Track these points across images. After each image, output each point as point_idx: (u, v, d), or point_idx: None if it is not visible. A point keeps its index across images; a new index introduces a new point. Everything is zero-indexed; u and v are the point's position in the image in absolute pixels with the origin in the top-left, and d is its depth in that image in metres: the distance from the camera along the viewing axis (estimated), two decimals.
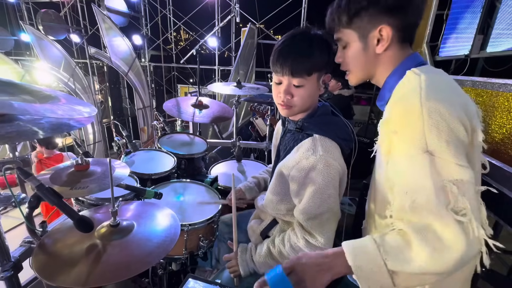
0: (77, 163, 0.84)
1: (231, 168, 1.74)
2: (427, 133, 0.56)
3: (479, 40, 1.97)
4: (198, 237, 1.12)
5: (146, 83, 5.46)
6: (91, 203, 1.08)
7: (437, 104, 0.56)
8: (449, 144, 0.54)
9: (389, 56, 0.71)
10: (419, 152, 0.56)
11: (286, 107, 0.89)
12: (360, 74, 0.77)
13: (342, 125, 0.91)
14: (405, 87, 0.65)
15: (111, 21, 4.43)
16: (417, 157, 0.56)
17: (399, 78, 0.68)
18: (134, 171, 1.32)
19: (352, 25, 0.70)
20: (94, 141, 5.03)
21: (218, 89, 1.98)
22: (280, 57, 0.84)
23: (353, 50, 0.73)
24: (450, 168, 0.54)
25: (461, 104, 0.60)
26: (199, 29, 5.61)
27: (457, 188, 0.53)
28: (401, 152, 0.61)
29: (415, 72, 0.65)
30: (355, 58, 0.74)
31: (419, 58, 0.71)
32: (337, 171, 0.82)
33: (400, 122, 0.62)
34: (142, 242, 0.75)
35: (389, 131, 0.65)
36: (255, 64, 4.71)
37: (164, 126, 1.80)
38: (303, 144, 0.87)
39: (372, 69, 0.75)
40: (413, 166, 0.58)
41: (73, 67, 4.61)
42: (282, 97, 0.87)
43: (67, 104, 0.67)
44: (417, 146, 0.57)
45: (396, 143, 0.63)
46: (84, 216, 0.69)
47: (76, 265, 0.65)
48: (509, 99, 1.40)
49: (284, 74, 0.84)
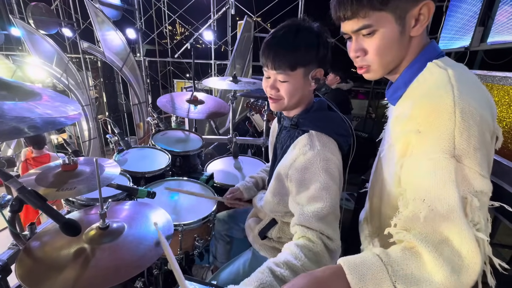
0: (64, 163, 0.80)
1: (227, 165, 1.71)
2: (457, 136, 0.50)
3: (480, 32, 1.94)
4: (193, 237, 1.10)
5: (141, 78, 5.37)
6: (82, 204, 1.04)
7: (471, 105, 0.50)
8: (476, 151, 0.49)
9: (418, 42, 0.62)
10: (445, 156, 0.50)
11: (273, 101, 0.87)
12: (388, 65, 0.64)
13: (339, 120, 0.87)
14: (430, 81, 0.58)
15: (103, 15, 4.32)
16: (442, 161, 0.50)
17: (418, 71, 0.61)
18: (126, 169, 1.29)
19: (388, 5, 0.57)
20: (90, 138, 4.96)
21: (213, 84, 1.93)
22: (265, 50, 0.82)
23: (387, 37, 0.60)
24: (474, 177, 0.49)
25: (489, 106, 0.55)
26: (195, 23, 5.51)
27: (478, 201, 0.48)
28: (423, 154, 0.54)
29: (439, 65, 0.59)
30: (388, 46, 0.61)
31: (438, 48, 0.64)
32: (336, 166, 0.80)
33: (426, 121, 0.55)
34: (133, 245, 0.72)
35: (409, 130, 0.58)
36: (252, 58, 4.64)
37: (158, 122, 1.76)
38: (299, 141, 0.84)
39: (402, 57, 0.64)
40: (436, 170, 0.51)
41: (66, 62, 4.51)
42: (269, 90, 0.86)
43: (49, 102, 0.63)
44: (443, 149, 0.50)
45: (417, 144, 0.56)
46: (71, 219, 0.66)
47: (63, 270, 0.62)
48: (510, 93, 1.38)
49: (269, 68, 0.82)
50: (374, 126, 4.59)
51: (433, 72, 0.59)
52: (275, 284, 0.65)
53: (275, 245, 1.00)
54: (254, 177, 1.24)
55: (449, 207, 0.48)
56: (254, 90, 2.42)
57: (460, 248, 0.47)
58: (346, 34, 0.66)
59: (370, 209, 0.82)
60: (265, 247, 1.01)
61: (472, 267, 0.46)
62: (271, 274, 0.66)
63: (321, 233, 0.73)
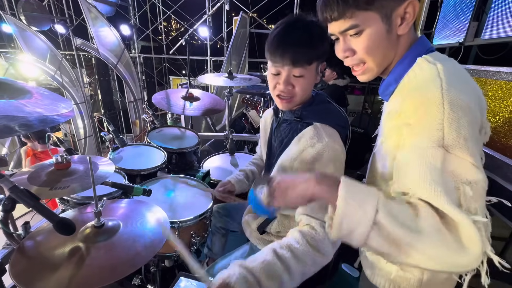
0: (57, 162, 0.80)
1: (224, 162, 1.70)
2: (447, 126, 0.50)
3: (474, 27, 1.94)
4: (190, 234, 1.10)
5: (136, 75, 5.31)
6: (77, 202, 1.04)
7: (459, 96, 0.51)
8: (467, 141, 0.49)
9: (406, 39, 0.63)
10: (432, 145, 0.50)
11: (286, 100, 0.86)
12: (380, 65, 0.65)
13: (338, 112, 0.90)
14: (419, 76, 0.59)
15: (97, 10, 4.25)
16: (429, 150, 0.50)
17: (408, 66, 0.62)
18: (122, 167, 1.28)
19: (374, 4, 0.58)
20: (85, 136, 4.92)
21: (209, 80, 1.92)
22: (280, 46, 0.80)
23: (374, 36, 0.60)
24: (466, 167, 0.49)
25: (478, 100, 0.55)
26: (190, 19, 5.45)
27: (470, 190, 0.48)
28: (412, 146, 0.54)
29: (429, 60, 0.59)
30: (376, 45, 0.61)
31: (428, 43, 0.64)
32: (342, 157, 0.82)
33: (415, 113, 0.55)
34: (129, 243, 0.72)
35: (400, 124, 0.59)
36: (248, 55, 4.61)
37: (153, 119, 1.75)
38: (305, 133, 0.84)
39: (392, 55, 0.64)
40: (422, 159, 0.51)
41: (59, 60, 4.44)
42: (282, 87, 0.83)
43: (40, 100, 0.62)
44: (432, 139, 0.50)
45: (408, 136, 0.56)
46: (65, 218, 0.65)
47: (57, 269, 0.62)
48: (503, 87, 1.39)
49: (284, 65, 0.81)
50: (370, 122, 4.61)
51: (423, 67, 0.59)
52: (277, 262, 0.68)
53: (274, 239, 1.00)
54: (244, 170, 1.24)
55: (435, 193, 0.48)
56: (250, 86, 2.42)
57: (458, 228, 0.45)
58: (334, 35, 0.67)
59: None
60: (264, 241, 1.02)
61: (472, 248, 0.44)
62: (274, 254, 0.70)
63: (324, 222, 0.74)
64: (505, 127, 1.34)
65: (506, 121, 1.34)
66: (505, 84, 1.37)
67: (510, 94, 1.34)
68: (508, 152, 1.26)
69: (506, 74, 1.36)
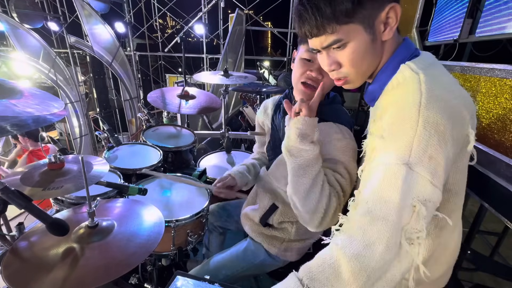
0: (50, 162, 0.79)
1: (220, 160, 1.70)
2: (415, 144, 0.50)
3: (468, 24, 1.95)
4: (186, 233, 1.10)
5: (132, 73, 5.27)
6: (71, 202, 1.03)
7: (436, 115, 0.50)
8: (431, 160, 0.50)
9: (391, 43, 0.61)
10: (397, 162, 0.50)
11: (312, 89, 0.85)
12: (365, 74, 0.64)
13: (348, 114, 0.93)
14: (401, 86, 0.58)
15: (90, 8, 4.19)
16: (393, 167, 0.51)
17: (391, 73, 0.60)
18: (117, 166, 1.27)
19: (355, 16, 0.56)
20: (81, 135, 4.88)
21: (205, 78, 1.91)
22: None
23: (359, 47, 0.58)
24: (424, 185, 0.49)
25: (460, 111, 0.54)
26: (186, 16, 5.40)
27: (425, 210, 0.49)
28: (379, 160, 0.54)
29: (412, 68, 0.57)
30: (362, 56, 0.60)
31: (412, 46, 0.63)
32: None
33: (390, 128, 0.55)
34: (123, 243, 0.72)
35: (375, 135, 0.59)
36: (244, 52, 4.59)
37: (148, 118, 1.73)
38: (328, 127, 0.85)
39: (376, 64, 0.63)
40: (385, 175, 0.51)
41: (53, 58, 4.38)
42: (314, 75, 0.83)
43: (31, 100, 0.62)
44: (399, 156, 0.51)
45: (379, 149, 0.56)
46: (58, 219, 0.65)
47: (51, 270, 0.62)
48: (496, 84, 1.40)
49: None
50: (366, 119, 4.62)
51: (405, 76, 0.58)
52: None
53: (274, 234, 1.00)
54: (245, 164, 1.19)
55: (387, 210, 0.49)
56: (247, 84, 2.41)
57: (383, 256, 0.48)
58: (315, 50, 0.65)
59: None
60: (263, 236, 1.02)
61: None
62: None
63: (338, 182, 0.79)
64: (498, 124, 1.35)
65: (499, 117, 1.36)
66: (498, 81, 1.38)
67: (504, 91, 1.35)
68: (501, 148, 1.28)
69: (499, 71, 1.37)
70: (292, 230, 0.99)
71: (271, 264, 1.03)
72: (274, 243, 1.00)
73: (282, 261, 1.03)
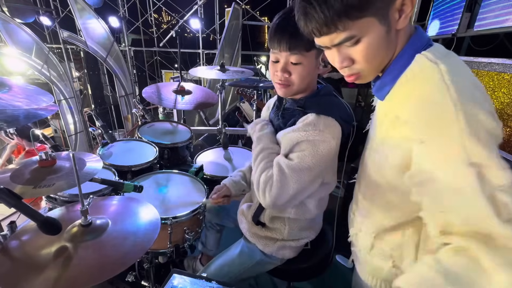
0: (41, 159, 0.76)
1: (217, 156, 1.68)
2: (468, 143, 0.46)
3: (466, 18, 1.93)
4: (183, 230, 1.08)
5: (127, 69, 5.19)
6: (65, 200, 1.01)
7: (473, 107, 0.47)
8: (491, 151, 0.47)
9: (404, 32, 0.57)
10: (462, 166, 0.47)
11: (283, 86, 0.85)
12: (379, 67, 0.60)
13: (343, 106, 0.89)
14: (422, 80, 0.54)
15: (83, 2, 4.10)
16: (462, 173, 0.47)
17: (406, 64, 0.56)
18: (112, 163, 1.25)
19: (368, 10, 0.51)
20: (76, 132, 4.81)
21: (201, 73, 1.88)
22: (278, 32, 0.79)
23: (374, 41, 0.54)
24: (497, 175, 0.46)
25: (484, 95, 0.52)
26: (181, 10, 5.31)
27: (504, 194, 0.45)
28: (435, 167, 0.50)
29: (429, 58, 0.54)
30: (377, 50, 0.55)
31: (425, 35, 0.58)
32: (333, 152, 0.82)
33: (427, 130, 0.50)
34: (118, 242, 0.70)
35: (408, 138, 0.54)
36: (241, 47, 4.54)
37: (143, 114, 1.70)
38: (305, 118, 0.84)
39: (390, 55, 0.59)
40: (458, 184, 0.48)
41: (46, 53, 4.29)
42: (279, 75, 0.82)
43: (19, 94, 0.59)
44: (458, 160, 0.47)
45: (425, 156, 0.52)
46: (49, 217, 0.63)
47: (43, 270, 0.60)
48: (494, 78, 1.39)
49: (281, 50, 0.79)
50: (364, 114, 4.62)
51: (423, 67, 0.54)
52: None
53: (267, 234, 1.00)
54: (241, 170, 1.20)
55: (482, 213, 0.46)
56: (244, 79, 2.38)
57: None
58: (324, 47, 0.59)
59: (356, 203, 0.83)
60: (257, 236, 1.01)
61: None
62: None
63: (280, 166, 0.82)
64: None
65: (497, 111, 1.35)
66: (496, 75, 1.38)
67: (501, 85, 1.35)
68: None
69: (497, 65, 1.36)
70: (285, 231, 0.98)
71: (269, 263, 1.03)
72: (268, 243, 0.99)
73: (279, 259, 1.02)
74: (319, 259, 1.09)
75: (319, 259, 1.09)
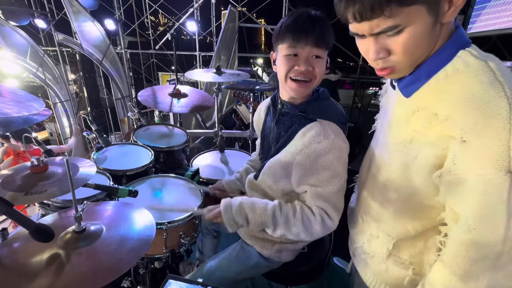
0: (32, 165, 0.75)
1: (214, 159, 1.68)
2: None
3: (460, 21, 1.96)
4: (179, 235, 1.07)
5: (123, 72, 5.17)
6: (58, 206, 0.99)
7: None
8: None
9: (448, 26, 0.53)
10: (498, 173, 0.43)
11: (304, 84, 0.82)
12: (417, 61, 0.55)
13: (338, 109, 0.90)
14: (463, 76, 0.50)
15: (79, 4, 4.08)
16: (493, 179, 0.44)
17: (447, 60, 0.52)
18: (106, 167, 1.23)
19: None
20: (71, 135, 4.77)
21: (197, 76, 1.88)
22: (307, 24, 0.77)
23: (418, 32, 0.49)
24: None
25: None
26: (178, 13, 5.31)
27: None
28: (469, 168, 0.47)
29: (474, 55, 0.50)
30: (419, 43, 0.51)
31: (465, 34, 0.55)
32: (347, 153, 0.83)
33: (473, 129, 0.46)
34: (112, 248, 0.69)
35: (447, 136, 0.50)
36: (238, 49, 4.55)
37: (139, 117, 1.69)
38: (310, 129, 0.83)
39: (429, 51, 0.54)
40: (485, 188, 0.45)
41: (41, 56, 4.26)
42: (303, 68, 0.79)
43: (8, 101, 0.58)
44: (495, 164, 0.43)
45: (462, 154, 0.47)
46: (42, 224, 0.62)
47: (34, 278, 0.59)
48: None
49: (307, 43, 0.77)
50: (360, 116, 4.65)
51: (470, 64, 0.50)
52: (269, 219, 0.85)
53: (265, 236, 0.99)
54: (239, 171, 1.22)
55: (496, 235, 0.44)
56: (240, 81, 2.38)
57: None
58: (360, 36, 0.55)
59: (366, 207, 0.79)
60: (255, 238, 1.00)
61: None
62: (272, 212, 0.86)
63: (324, 210, 0.82)
64: None
65: None
66: None
67: None
68: None
69: None
70: None
71: (266, 266, 1.02)
72: (266, 245, 0.98)
73: (277, 262, 1.02)
74: (316, 262, 1.08)
75: (316, 262, 1.08)
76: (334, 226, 0.83)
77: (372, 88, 5.00)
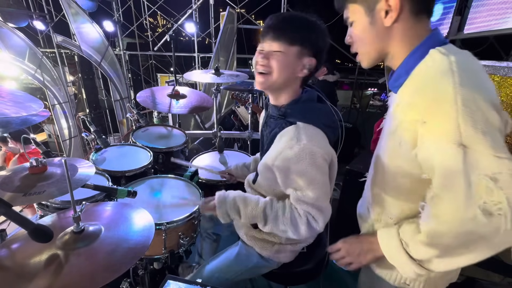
0: (31, 165, 0.75)
1: (213, 160, 1.68)
2: (462, 124, 0.50)
3: (457, 21, 1.97)
4: (178, 235, 1.07)
5: (122, 73, 5.16)
6: (57, 207, 0.99)
7: (472, 91, 0.51)
8: (486, 135, 0.50)
9: (403, 30, 0.64)
10: (452, 146, 0.51)
11: (261, 76, 0.84)
12: (369, 53, 0.70)
13: (327, 111, 0.87)
14: (431, 69, 0.59)
15: (77, 6, 4.09)
16: (450, 152, 0.52)
17: (420, 58, 0.62)
18: (105, 168, 1.23)
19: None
20: (70, 137, 4.76)
21: (196, 77, 1.88)
22: (269, 21, 0.82)
23: (360, 27, 0.67)
24: (488, 160, 0.50)
25: (491, 91, 0.55)
26: (176, 14, 5.32)
27: (494, 183, 0.49)
28: (432, 145, 0.56)
29: (441, 51, 0.59)
30: (362, 35, 0.67)
31: (441, 35, 0.65)
32: (323, 159, 0.80)
33: (429, 110, 0.56)
34: (111, 248, 0.69)
35: (413, 119, 0.59)
36: (236, 51, 4.55)
37: (138, 118, 1.69)
38: (286, 133, 0.83)
39: (382, 46, 0.67)
40: (445, 161, 0.53)
41: (39, 58, 4.25)
42: (260, 60, 0.82)
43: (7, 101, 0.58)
44: (450, 139, 0.51)
45: (426, 134, 0.57)
46: (40, 225, 0.62)
47: (33, 279, 0.59)
48: None
49: (265, 38, 0.82)
50: (358, 116, 4.66)
51: (435, 59, 0.59)
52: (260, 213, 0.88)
53: (265, 237, 0.99)
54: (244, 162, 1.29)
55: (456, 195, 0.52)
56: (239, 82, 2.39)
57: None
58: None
59: (372, 197, 0.82)
60: (255, 239, 1.01)
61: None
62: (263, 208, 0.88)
63: (309, 213, 0.83)
64: None
65: None
66: None
67: None
68: None
69: (488, 67, 1.39)
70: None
71: (265, 266, 1.02)
72: (266, 246, 0.99)
73: (276, 262, 1.02)
74: (315, 262, 1.09)
75: (315, 262, 1.09)
76: (320, 228, 0.83)
77: (370, 89, 5.02)
